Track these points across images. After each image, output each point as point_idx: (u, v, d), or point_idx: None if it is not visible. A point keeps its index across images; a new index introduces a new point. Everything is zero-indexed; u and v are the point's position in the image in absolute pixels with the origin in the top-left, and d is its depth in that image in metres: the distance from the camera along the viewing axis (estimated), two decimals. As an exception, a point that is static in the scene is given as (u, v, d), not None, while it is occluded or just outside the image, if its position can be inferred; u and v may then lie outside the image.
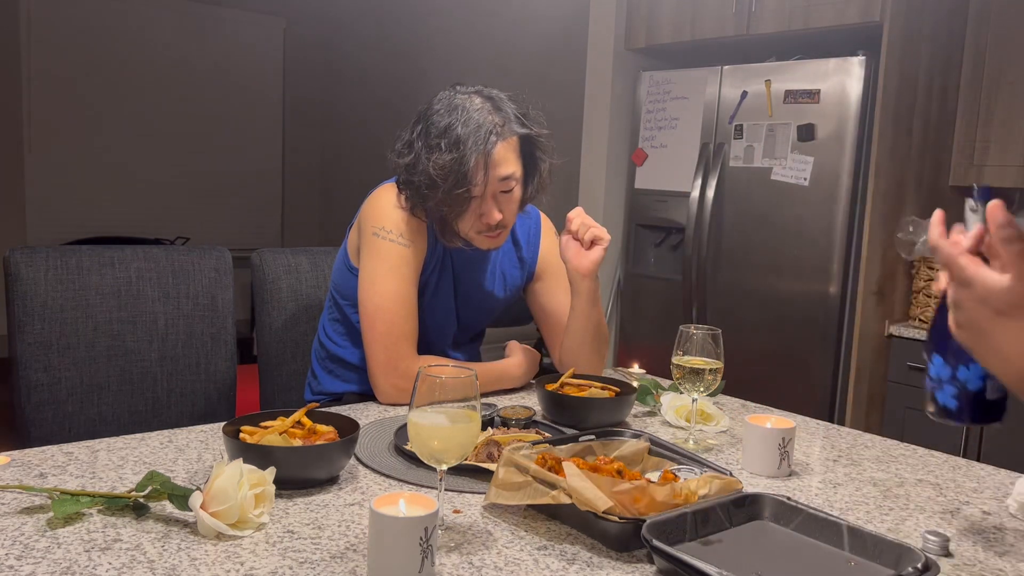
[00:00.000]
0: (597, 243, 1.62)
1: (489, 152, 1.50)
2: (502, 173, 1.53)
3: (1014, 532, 1.10)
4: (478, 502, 1.10)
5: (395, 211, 1.59)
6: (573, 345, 1.69)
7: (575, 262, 1.62)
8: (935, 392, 1.04)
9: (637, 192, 3.43)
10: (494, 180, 1.53)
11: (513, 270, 1.77)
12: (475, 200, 1.54)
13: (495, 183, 1.53)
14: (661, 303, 3.36)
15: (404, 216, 1.59)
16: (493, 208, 1.55)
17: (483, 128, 1.50)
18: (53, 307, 1.63)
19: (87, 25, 5.41)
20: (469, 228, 1.58)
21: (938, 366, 1.03)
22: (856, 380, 2.81)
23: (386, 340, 1.54)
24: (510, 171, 1.54)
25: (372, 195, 1.64)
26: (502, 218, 1.56)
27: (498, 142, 1.52)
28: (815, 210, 2.86)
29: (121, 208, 5.67)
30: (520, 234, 1.77)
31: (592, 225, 1.62)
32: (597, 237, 1.62)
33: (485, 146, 1.50)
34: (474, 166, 1.49)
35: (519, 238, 1.77)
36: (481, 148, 1.49)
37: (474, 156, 1.49)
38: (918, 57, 2.79)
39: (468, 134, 1.49)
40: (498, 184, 1.54)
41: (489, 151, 1.50)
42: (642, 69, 3.41)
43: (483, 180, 1.51)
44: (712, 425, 1.48)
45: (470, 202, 1.53)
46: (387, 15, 5.62)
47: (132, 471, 1.14)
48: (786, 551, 0.97)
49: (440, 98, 1.56)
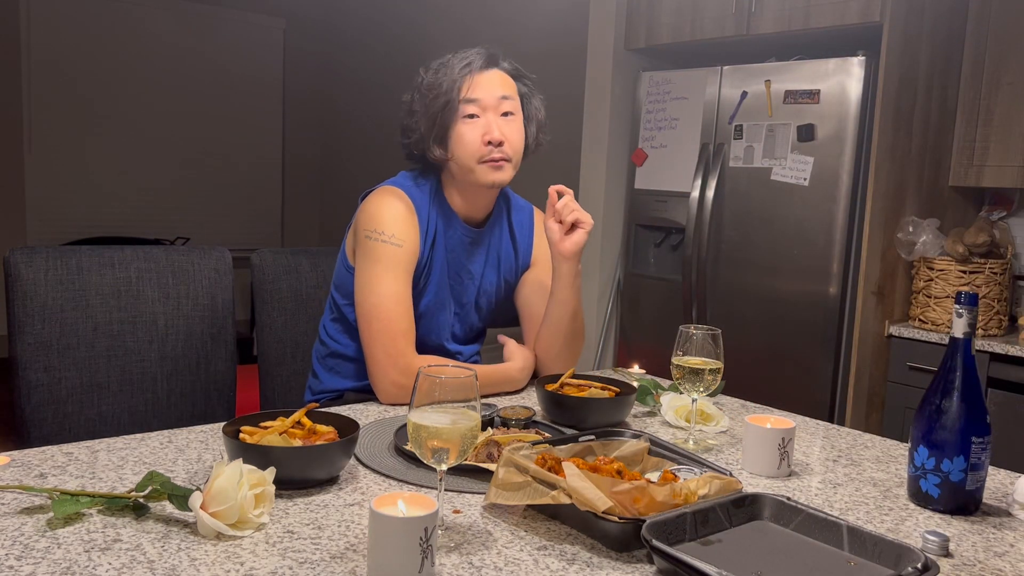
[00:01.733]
0: (579, 226, 1.62)
1: (478, 65, 1.60)
2: (499, 92, 1.60)
3: (1014, 532, 1.10)
4: (478, 502, 1.10)
5: (387, 213, 1.60)
6: (548, 334, 1.70)
7: (559, 244, 1.63)
8: (919, 479, 1.16)
9: (637, 192, 3.43)
10: (490, 94, 1.59)
11: (509, 260, 1.78)
12: (476, 120, 1.58)
13: (493, 99, 1.59)
14: (661, 303, 3.36)
15: (396, 217, 1.60)
16: (494, 126, 1.58)
17: (471, 52, 1.62)
18: (53, 307, 1.64)
19: (87, 25, 5.41)
20: (471, 155, 1.59)
21: (923, 456, 1.15)
22: (856, 380, 2.81)
23: (384, 338, 1.54)
24: (508, 92, 1.61)
25: (366, 199, 1.65)
26: (505, 140, 1.59)
27: (490, 66, 1.61)
28: (815, 210, 2.86)
29: (121, 208, 5.67)
30: (515, 224, 1.78)
31: (575, 208, 1.62)
32: (579, 220, 1.62)
33: (475, 60, 1.60)
34: (462, 73, 1.58)
35: (514, 228, 1.77)
36: (470, 61, 1.60)
37: (460, 65, 1.59)
38: (918, 57, 2.79)
39: (457, 57, 1.62)
40: (497, 102, 1.59)
41: (479, 64, 1.60)
42: (642, 69, 3.41)
43: (472, 87, 1.58)
44: (712, 425, 1.48)
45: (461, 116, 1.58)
46: (387, 16, 5.62)
47: (132, 471, 1.14)
48: (786, 551, 0.97)
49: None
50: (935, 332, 2.78)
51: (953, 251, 2.79)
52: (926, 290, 2.85)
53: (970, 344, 1.14)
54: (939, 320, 2.81)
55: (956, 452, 1.12)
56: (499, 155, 1.59)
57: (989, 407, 1.39)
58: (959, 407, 1.13)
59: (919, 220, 2.86)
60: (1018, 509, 1.16)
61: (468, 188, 1.65)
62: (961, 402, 1.13)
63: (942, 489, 1.13)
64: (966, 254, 2.79)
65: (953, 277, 2.78)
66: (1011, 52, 2.81)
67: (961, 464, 1.12)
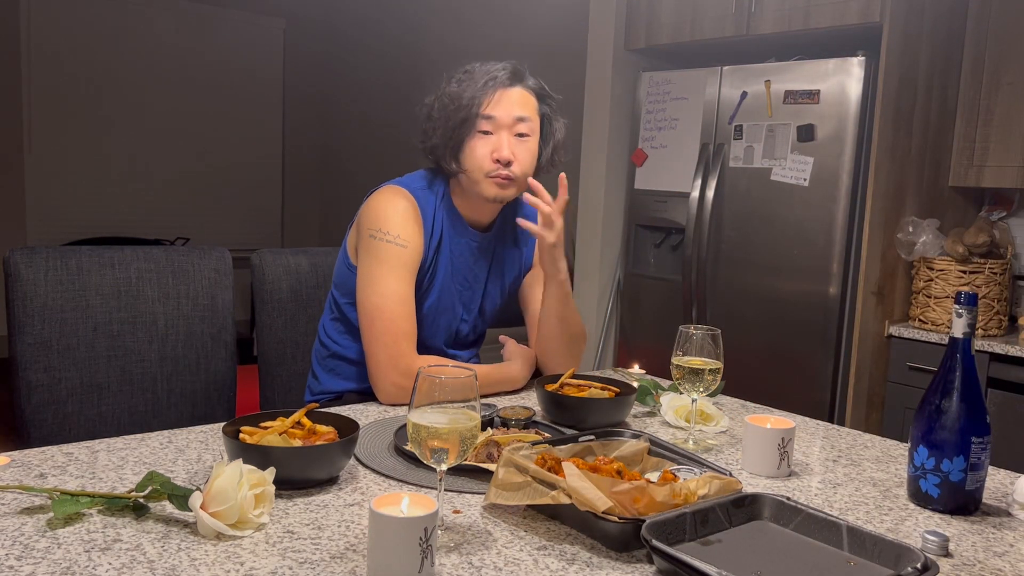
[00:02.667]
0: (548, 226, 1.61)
1: (502, 81, 1.59)
2: (517, 112, 1.59)
3: (1014, 532, 1.10)
4: (478, 502, 1.10)
5: (393, 213, 1.60)
6: (542, 334, 1.71)
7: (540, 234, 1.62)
8: (918, 479, 1.16)
9: (637, 192, 3.43)
10: (507, 114, 1.58)
11: (513, 263, 1.78)
12: (489, 136, 1.59)
13: (509, 119, 1.58)
14: (661, 303, 3.36)
15: (402, 217, 1.60)
16: (505, 145, 1.58)
17: (497, 66, 1.61)
18: (53, 307, 1.63)
19: (87, 25, 5.41)
20: (479, 169, 1.60)
21: (923, 456, 1.15)
22: (856, 380, 2.81)
23: (386, 339, 1.54)
24: (526, 113, 1.61)
25: (370, 197, 1.65)
26: (514, 160, 1.59)
27: (514, 83, 1.60)
28: (815, 210, 2.86)
29: (121, 208, 5.67)
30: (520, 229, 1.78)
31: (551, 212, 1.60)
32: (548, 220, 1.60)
33: (500, 75, 1.59)
34: (484, 89, 1.58)
35: (519, 230, 1.78)
36: (495, 76, 1.59)
37: (484, 79, 1.59)
38: (918, 57, 2.79)
39: (482, 70, 1.61)
40: (513, 122, 1.59)
41: (503, 80, 1.59)
42: (642, 69, 3.41)
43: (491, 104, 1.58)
44: (712, 425, 1.48)
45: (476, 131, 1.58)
46: (387, 16, 5.62)
47: (132, 471, 1.14)
48: (786, 551, 0.97)
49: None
50: (935, 332, 2.78)
51: (953, 251, 2.79)
52: (926, 290, 2.85)
53: (970, 344, 1.14)
54: (939, 320, 2.81)
55: (956, 452, 1.12)
56: (505, 174, 1.59)
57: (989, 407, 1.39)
58: (959, 407, 1.13)
59: (919, 220, 2.86)
60: (1018, 509, 1.16)
61: (474, 197, 1.65)
62: (961, 402, 1.13)
63: (942, 489, 1.14)
64: (966, 254, 2.79)
65: (953, 277, 2.78)
66: (1011, 52, 2.81)
67: (961, 464, 1.12)
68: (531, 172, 1.64)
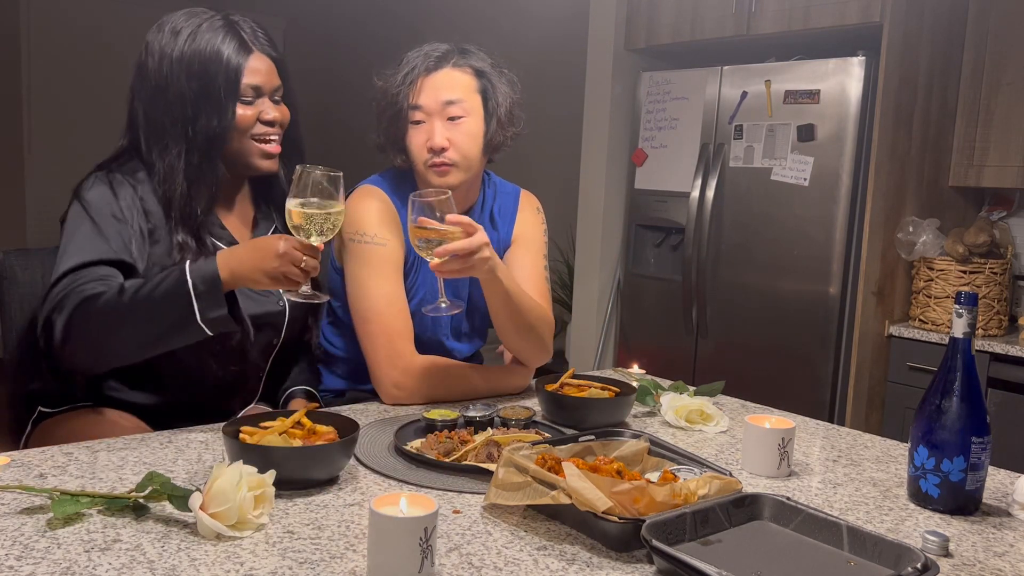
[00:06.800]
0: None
1: (423, 68, 1.57)
2: (444, 96, 1.56)
3: (1014, 532, 1.10)
4: (478, 502, 1.10)
5: (366, 214, 1.60)
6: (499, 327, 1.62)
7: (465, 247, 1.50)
8: (919, 479, 1.16)
9: (637, 192, 3.43)
10: (433, 100, 1.56)
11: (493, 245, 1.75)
12: (422, 125, 1.57)
13: (436, 104, 1.56)
14: (661, 303, 3.35)
15: (376, 217, 1.59)
16: (436, 132, 1.56)
17: (424, 51, 1.59)
18: (53, 308, 1.63)
19: (87, 25, 5.40)
20: (419, 159, 1.59)
21: (923, 456, 1.15)
22: (856, 380, 2.81)
23: (383, 340, 1.54)
24: (454, 96, 1.57)
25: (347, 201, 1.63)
26: (447, 146, 1.56)
27: (439, 66, 1.57)
28: (815, 210, 2.86)
29: (121, 208, 5.66)
30: (496, 211, 1.74)
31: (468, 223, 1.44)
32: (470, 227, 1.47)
33: (419, 63, 1.57)
34: (406, 80, 1.57)
35: (495, 216, 1.74)
36: (415, 65, 1.57)
37: (405, 70, 1.58)
38: (918, 57, 2.79)
39: (412, 57, 1.60)
40: (441, 107, 1.56)
41: (424, 67, 1.57)
42: (642, 69, 3.41)
43: (416, 93, 1.56)
44: (712, 425, 1.48)
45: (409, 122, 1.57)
46: (387, 16, 5.63)
47: (132, 471, 1.14)
48: (786, 551, 0.97)
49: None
50: (935, 332, 2.78)
51: (953, 251, 2.79)
52: (926, 290, 2.85)
53: (970, 344, 1.14)
54: (939, 320, 2.81)
55: (956, 452, 1.12)
56: (440, 160, 1.57)
57: (989, 407, 1.39)
58: (959, 407, 1.13)
59: (919, 220, 2.86)
60: (1018, 509, 1.16)
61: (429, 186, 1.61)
62: (961, 402, 1.13)
63: (942, 489, 1.14)
64: (966, 254, 2.79)
65: (953, 277, 2.78)
66: (1011, 52, 2.81)
67: (961, 464, 1.12)
68: (475, 153, 1.59)
